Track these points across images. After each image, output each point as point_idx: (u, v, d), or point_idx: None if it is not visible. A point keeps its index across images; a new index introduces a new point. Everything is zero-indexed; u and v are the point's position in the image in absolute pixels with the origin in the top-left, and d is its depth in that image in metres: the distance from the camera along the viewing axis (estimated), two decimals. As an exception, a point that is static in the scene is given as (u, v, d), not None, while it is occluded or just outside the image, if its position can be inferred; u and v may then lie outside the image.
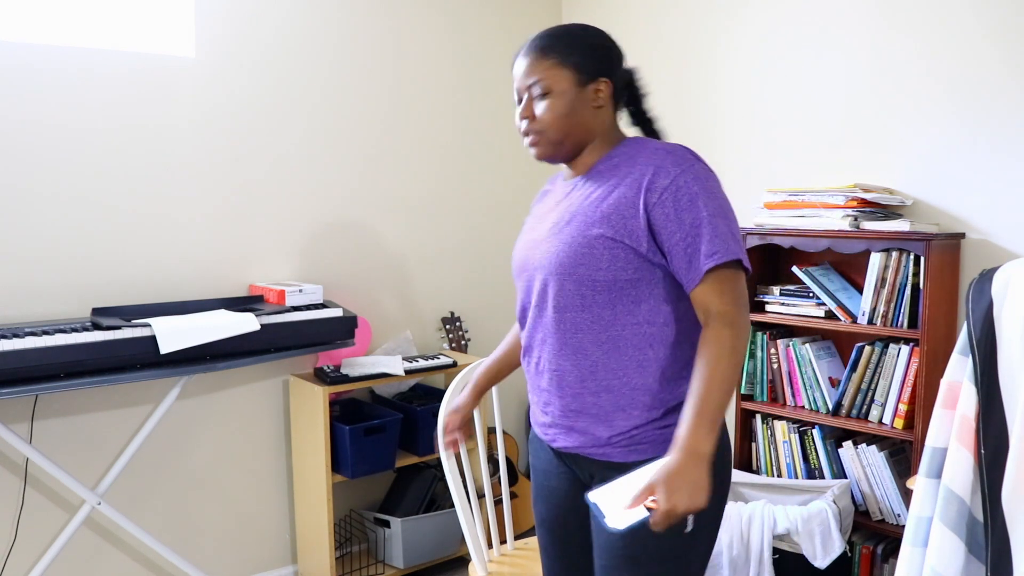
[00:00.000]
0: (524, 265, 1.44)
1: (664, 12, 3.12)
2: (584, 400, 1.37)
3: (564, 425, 1.41)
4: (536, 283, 1.40)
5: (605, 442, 1.37)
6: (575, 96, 1.38)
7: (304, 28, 2.79)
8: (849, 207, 2.38)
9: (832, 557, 2.25)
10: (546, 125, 1.39)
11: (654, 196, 1.29)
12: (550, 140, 1.40)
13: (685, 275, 1.30)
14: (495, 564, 2.06)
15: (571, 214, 1.37)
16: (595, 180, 1.40)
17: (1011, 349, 1.17)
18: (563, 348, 1.37)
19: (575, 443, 1.41)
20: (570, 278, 1.34)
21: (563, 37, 1.40)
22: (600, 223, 1.32)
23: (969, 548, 1.22)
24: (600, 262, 1.32)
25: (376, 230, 3.02)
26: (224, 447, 2.70)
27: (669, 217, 1.29)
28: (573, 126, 1.39)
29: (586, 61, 1.39)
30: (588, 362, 1.36)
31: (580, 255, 1.33)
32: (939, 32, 2.39)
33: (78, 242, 2.38)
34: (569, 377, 1.38)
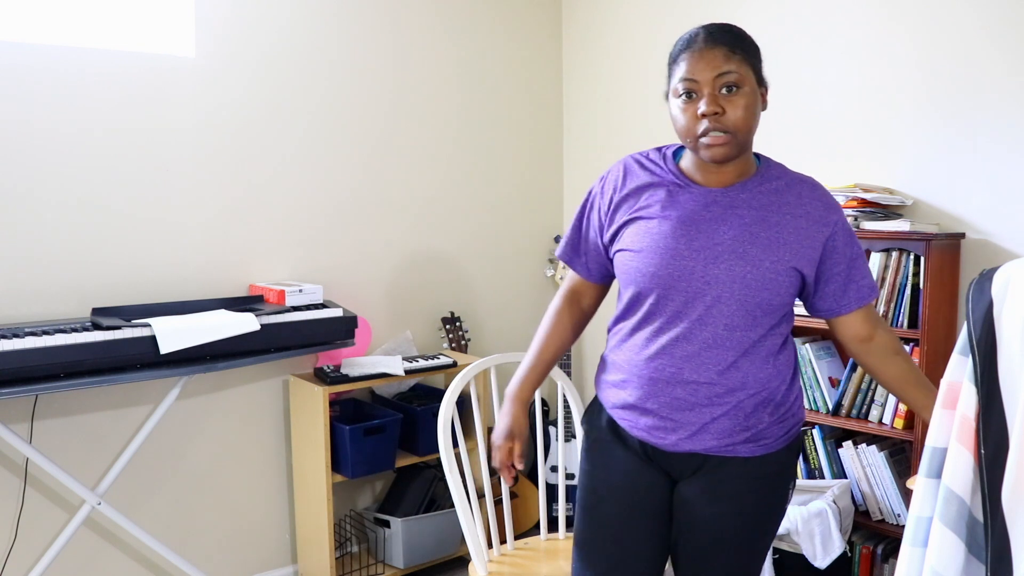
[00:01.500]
0: (682, 276, 1.39)
1: (663, 12, 3.12)
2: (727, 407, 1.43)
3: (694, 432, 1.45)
4: (701, 300, 1.40)
5: (736, 442, 1.46)
6: (757, 97, 1.37)
7: (304, 28, 2.79)
8: (849, 207, 2.38)
9: (832, 557, 2.25)
10: (738, 123, 1.33)
11: (829, 230, 1.42)
12: (738, 142, 1.35)
13: (838, 300, 1.46)
14: (495, 564, 2.06)
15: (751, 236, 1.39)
16: (760, 199, 1.41)
17: (1011, 349, 1.17)
18: (721, 363, 1.42)
19: (701, 446, 1.46)
20: (752, 300, 1.39)
21: (741, 34, 1.37)
22: (788, 251, 1.39)
23: (969, 548, 1.22)
24: (781, 289, 1.40)
25: (376, 230, 3.02)
26: (224, 447, 2.70)
27: (838, 250, 1.43)
28: (752, 129, 1.37)
29: (759, 63, 1.39)
30: (740, 376, 1.43)
31: (768, 281, 1.38)
32: (939, 32, 2.39)
33: (78, 242, 2.38)
34: (719, 389, 1.43)
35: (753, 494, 1.48)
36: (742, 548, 1.50)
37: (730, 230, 1.38)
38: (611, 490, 1.54)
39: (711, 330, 1.40)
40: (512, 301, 3.46)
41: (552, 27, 3.52)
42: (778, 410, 1.48)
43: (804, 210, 1.41)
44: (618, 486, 1.53)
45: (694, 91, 1.34)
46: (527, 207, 3.47)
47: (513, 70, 3.38)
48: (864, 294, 1.46)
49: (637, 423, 1.49)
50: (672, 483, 1.53)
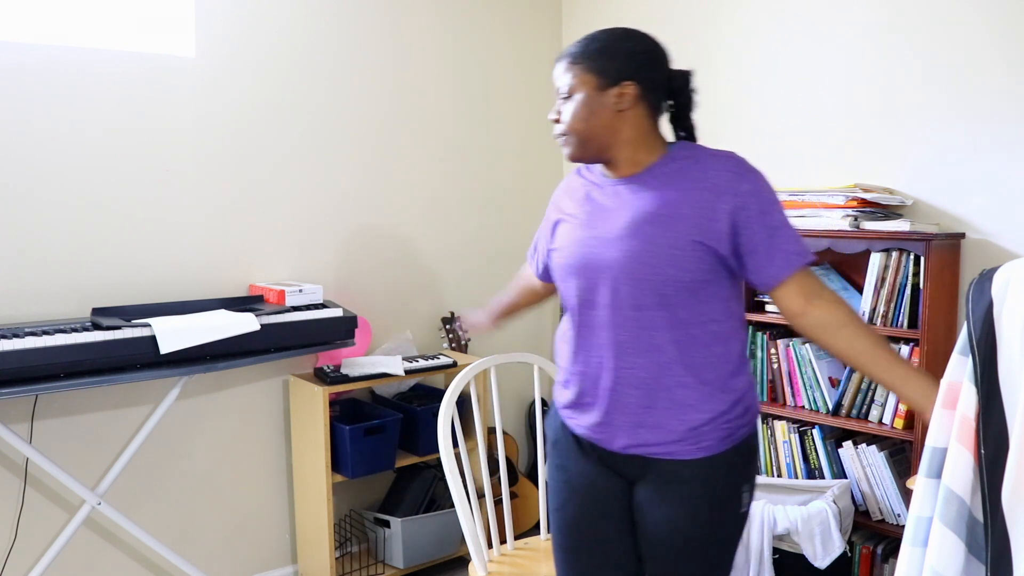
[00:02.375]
0: (587, 263, 1.44)
1: (664, 12, 3.12)
2: (658, 396, 1.42)
3: (629, 423, 1.44)
4: (606, 282, 1.42)
5: (675, 439, 1.43)
6: (596, 99, 1.42)
7: (304, 28, 2.79)
8: (849, 207, 2.38)
9: (832, 557, 2.25)
10: (569, 127, 1.45)
11: (737, 200, 1.37)
12: (575, 142, 1.46)
13: (768, 269, 1.40)
14: (495, 564, 2.06)
15: (645, 214, 1.40)
16: (660, 182, 1.43)
17: (1011, 349, 1.17)
18: (639, 346, 1.41)
19: (640, 441, 1.45)
20: (652, 278, 1.38)
21: (591, 43, 1.45)
22: (684, 226, 1.38)
23: (969, 548, 1.22)
24: (689, 264, 1.38)
25: (376, 230, 3.02)
26: (224, 447, 2.70)
27: (753, 220, 1.38)
28: (595, 129, 1.43)
29: (609, 65, 1.42)
30: (665, 358, 1.41)
31: (668, 257, 1.37)
32: (939, 32, 2.39)
33: (78, 242, 2.38)
34: (643, 374, 1.42)
35: (699, 499, 1.45)
36: (693, 555, 1.47)
37: (628, 213, 1.42)
38: (573, 492, 1.56)
39: (622, 314, 1.42)
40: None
41: (552, 27, 3.52)
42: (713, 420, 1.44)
43: (710, 183, 1.39)
44: (578, 487, 1.55)
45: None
46: (527, 207, 3.47)
47: (513, 70, 3.38)
48: (791, 261, 1.39)
49: (580, 421, 1.53)
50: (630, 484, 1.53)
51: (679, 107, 1.50)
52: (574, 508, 1.56)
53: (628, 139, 1.45)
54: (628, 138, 1.44)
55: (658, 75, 1.45)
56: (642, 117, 1.44)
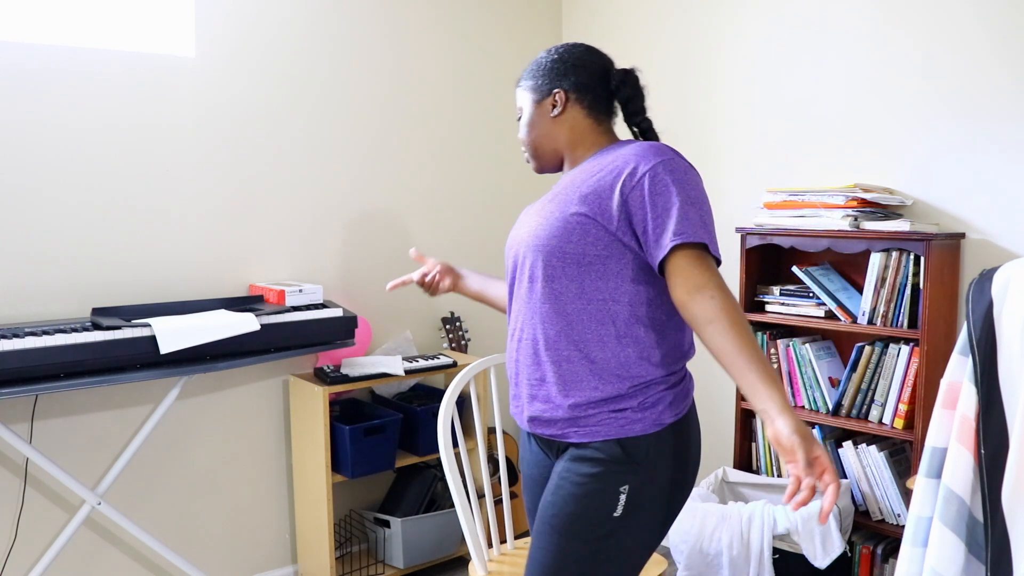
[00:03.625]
0: (511, 244, 1.55)
1: (665, 12, 3.12)
2: (545, 368, 1.44)
3: (528, 393, 1.49)
4: (518, 258, 1.51)
5: (562, 417, 1.43)
6: (535, 112, 1.57)
7: (304, 28, 2.79)
8: (849, 207, 2.38)
9: (832, 557, 2.25)
10: (523, 142, 1.61)
11: (632, 181, 1.38)
12: (530, 155, 1.61)
13: (653, 252, 1.36)
14: (495, 563, 2.06)
15: (554, 196, 1.50)
16: (581, 172, 1.50)
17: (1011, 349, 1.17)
18: (533, 316, 1.47)
19: (534, 413, 1.48)
20: (543, 250, 1.43)
21: (529, 66, 1.61)
22: (577, 203, 1.42)
23: (969, 548, 1.22)
24: (572, 236, 1.40)
25: (376, 230, 3.02)
26: (224, 447, 2.70)
27: (644, 200, 1.37)
28: (539, 138, 1.57)
29: (538, 79, 1.56)
30: (554, 330, 1.43)
31: (555, 229, 1.42)
32: (939, 32, 2.39)
33: (78, 242, 2.38)
34: (536, 345, 1.46)
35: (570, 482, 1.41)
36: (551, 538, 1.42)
37: (548, 202, 1.50)
38: (525, 479, 1.66)
39: (522, 286, 1.49)
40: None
41: (552, 27, 3.52)
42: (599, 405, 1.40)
43: (615, 165, 1.42)
44: (527, 474, 1.64)
45: None
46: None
47: (513, 70, 3.38)
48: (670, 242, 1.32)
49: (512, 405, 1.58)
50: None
51: (624, 104, 1.56)
52: (527, 496, 1.67)
53: (568, 140, 1.56)
54: (568, 140, 1.56)
55: (585, 78, 1.53)
56: (578, 118, 1.54)
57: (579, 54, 1.55)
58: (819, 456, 1.17)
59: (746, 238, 2.62)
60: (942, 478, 1.22)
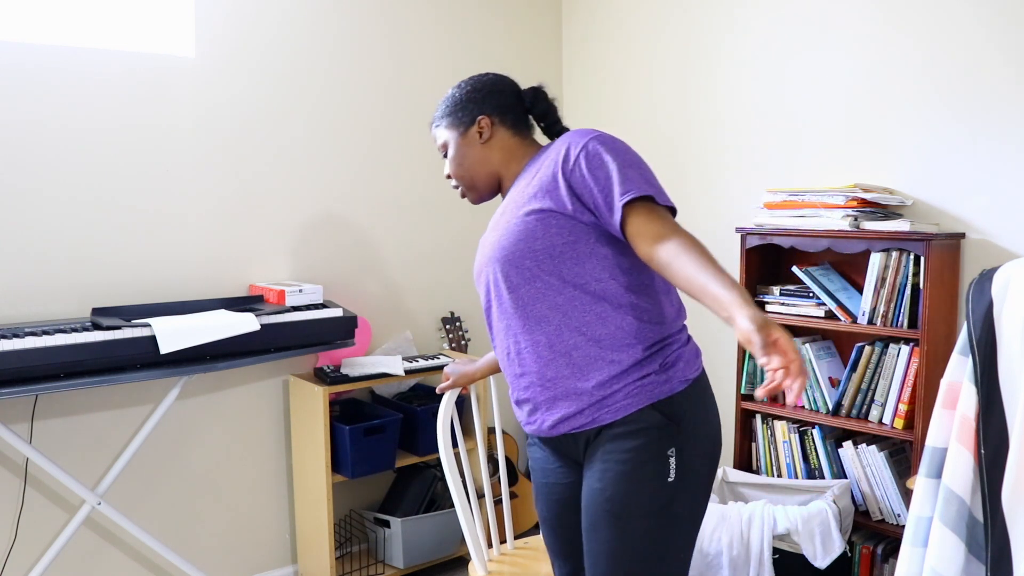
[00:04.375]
0: (478, 271, 1.55)
1: (665, 13, 3.12)
2: (557, 363, 1.43)
3: (547, 399, 1.46)
4: (489, 277, 1.50)
5: (589, 403, 1.41)
6: (461, 144, 1.60)
7: (304, 28, 2.79)
8: (849, 207, 2.38)
9: (832, 557, 2.25)
10: (456, 176, 1.62)
11: (569, 163, 1.42)
12: (466, 187, 1.63)
13: (609, 221, 1.38)
14: (495, 563, 2.06)
15: (504, 208, 1.53)
16: (521, 180, 1.55)
17: (1011, 349, 1.17)
18: (527, 324, 1.46)
19: (561, 414, 1.45)
20: (513, 257, 1.44)
21: (444, 103, 1.63)
22: (528, 202, 1.45)
23: (969, 548, 1.22)
24: (535, 233, 1.42)
25: (376, 230, 3.02)
26: (224, 447, 2.70)
27: (584, 176, 1.40)
28: (473, 166, 1.60)
29: (457, 113, 1.60)
30: (552, 327, 1.43)
31: (517, 234, 1.44)
32: (939, 32, 2.39)
33: (78, 242, 2.38)
34: (539, 347, 1.45)
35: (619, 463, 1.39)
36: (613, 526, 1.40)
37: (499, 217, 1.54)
38: (538, 488, 1.65)
39: (502, 300, 1.48)
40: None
41: (552, 27, 3.52)
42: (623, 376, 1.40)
43: (551, 158, 1.46)
44: (540, 483, 1.64)
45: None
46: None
47: (513, 70, 3.38)
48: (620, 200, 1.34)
49: (521, 418, 1.58)
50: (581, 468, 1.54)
51: (541, 118, 1.63)
52: (541, 505, 1.65)
53: (502, 160, 1.59)
54: (501, 159, 1.59)
55: (502, 100, 1.60)
56: (505, 138, 1.59)
57: (491, 81, 1.62)
58: (777, 339, 1.14)
59: (746, 238, 2.62)
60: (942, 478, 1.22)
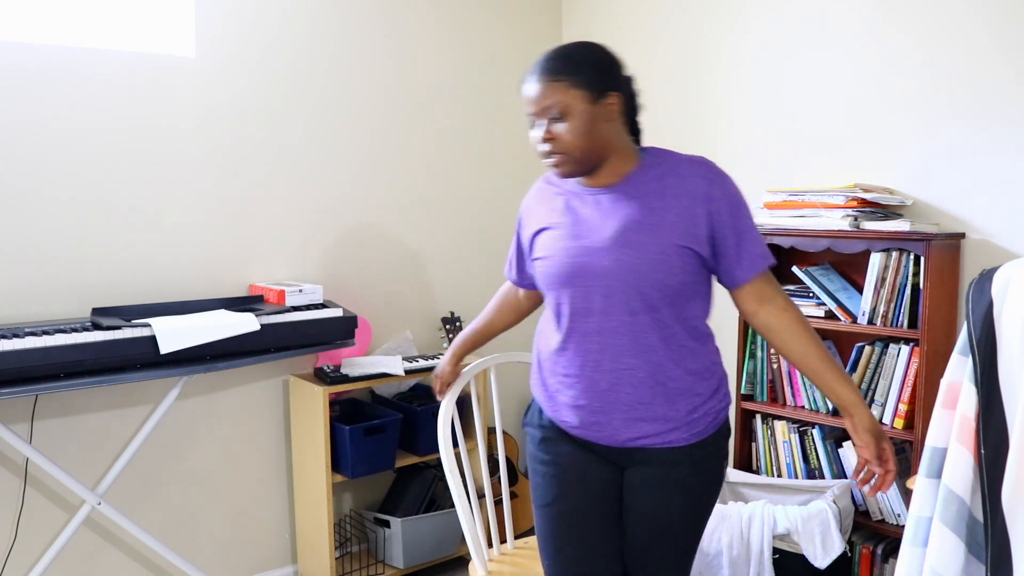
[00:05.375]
0: (578, 272, 1.48)
1: (665, 12, 3.12)
2: (655, 392, 1.49)
3: (628, 419, 1.50)
4: (600, 290, 1.47)
5: (672, 428, 1.51)
6: (591, 114, 1.44)
7: (304, 28, 2.79)
8: (849, 207, 2.38)
9: (832, 557, 2.25)
10: (568, 146, 1.45)
11: (713, 206, 1.46)
12: (575, 160, 1.47)
13: (735, 271, 1.50)
14: (495, 563, 2.07)
15: (632, 223, 1.46)
16: (641, 191, 1.48)
17: (1011, 349, 1.17)
18: (634, 347, 1.48)
19: (639, 434, 1.51)
20: (643, 285, 1.44)
21: (570, 57, 1.45)
22: (669, 233, 1.44)
23: (969, 548, 1.22)
24: (672, 269, 1.45)
25: (376, 230, 3.02)
26: (224, 447, 2.70)
27: (725, 224, 1.47)
28: (593, 142, 1.46)
29: (595, 78, 1.45)
30: (656, 357, 1.48)
31: (655, 264, 1.44)
32: (939, 32, 2.39)
33: (78, 242, 2.38)
34: (639, 374, 1.48)
35: (693, 481, 1.56)
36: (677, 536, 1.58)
37: (615, 224, 1.47)
38: (567, 484, 1.60)
39: (616, 319, 1.47)
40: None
41: (552, 27, 3.52)
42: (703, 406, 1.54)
43: (686, 189, 1.46)
44: (572, 479, 1.59)
45: (534, 119, 1.48)
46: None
47: (513, 70, 3.38)
48: (756, 264, 1.49)
49: (575, 421, 1.56)
50: (620, 470, 1.60)
51: (631, 112, 1.56)
52: (568, 500, 1.59)
53: (615, 150, 1.50)
54: (615, 149, 1.50)
55: (628, 84, 1.52)
56: (620, 126, 1.51)
57: (617, 58, 1.50)
58: (886, 450, 1.48)
59: (746, 238, 2.61)
60: (942, 478, 1.22)
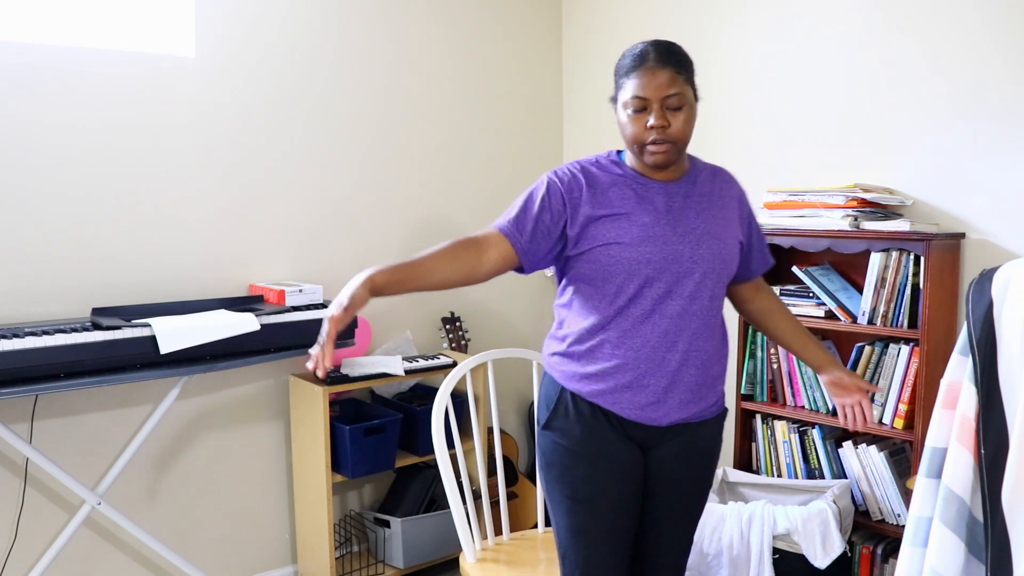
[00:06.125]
0: (678, 258, 1.55)
1: (665, 12, 3.12)
2: (715, 372, 1.64)
3: (686, 400, 1.60)
4: (691, 278, 1.57)
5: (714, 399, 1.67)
6: (693, 109, 1.58)
7: (304, 28, 2.79)
8: (849, 207, 2.38)
9: (832, 557, 2.25)
10: (679, 136, 1.54)
11: (745, 208, 1.71)
12: (679, 150, 1.57)
13: (753, 265, 1.75)
14: (491, 552, 2.08)
15: (712, 217, 1.61)
16: (703, 188, 1.64)
17: (1011, 349, 1.17)
18: (706, 331, 1.60)
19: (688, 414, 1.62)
20: (720, 274, 1.60)
21: (683, 55, 1.57)
22: (732, 227, 1.64)
23: (969, 548, 1.22)
24: (734, 259, 1.64)
25: (376, 230, 3.02)
26: (224, 447, 2.70)
27: (753, 223, 1.74)
28: (689, 135, 1.57)
29: (693, 79, 1.59)
30: (716, 341, 1.64)
31: (731, 255, 1.62)
32: (940, 31, 2.39)
33: (78, 242, 2.38)
34: (708, 355, 1.61)
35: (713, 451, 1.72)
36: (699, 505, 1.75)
37: (696, 216, 1.60)
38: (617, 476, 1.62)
39: (699, 303, 1.58)
40: (512, 301, 3.46)
41: (552, 27, 3.52)
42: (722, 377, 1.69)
43: (728, 191, 1.67)
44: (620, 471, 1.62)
45: (645, 107, 1.53)
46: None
47: (513, 70, 3.38)
48: (767, 259, 1.78)
49: (631, 403, 1.58)
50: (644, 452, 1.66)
51: None
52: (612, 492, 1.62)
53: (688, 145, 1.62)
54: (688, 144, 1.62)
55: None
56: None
57: None
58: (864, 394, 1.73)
59: (746, 238, 2.62)
60: (942, 478, 1.22)
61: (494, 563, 2.04)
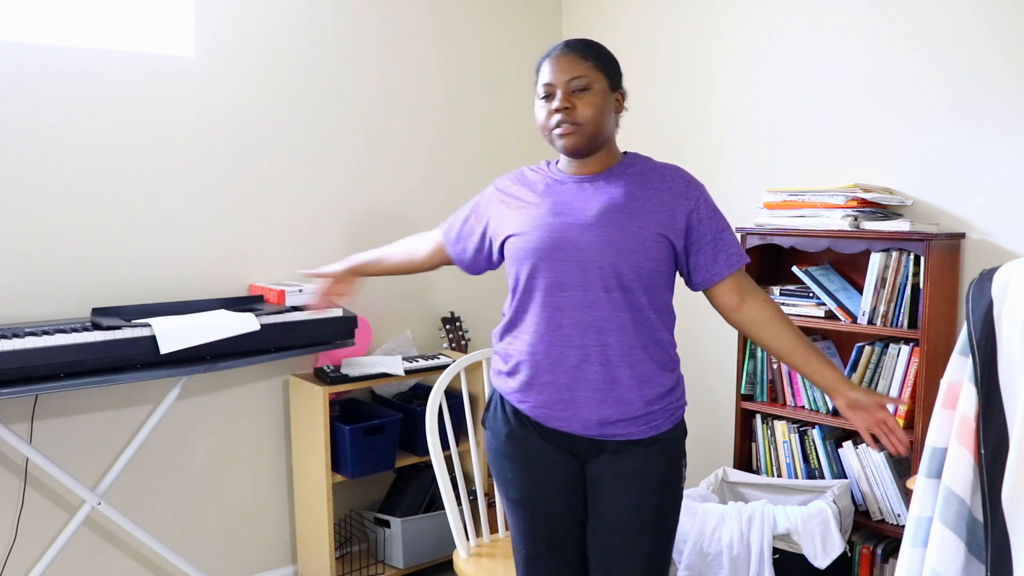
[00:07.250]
0: (558, 247, 1.53)
1: (665, 12, 3.12)
2: (621, 371, 1.53)
3: (594, 399, 1.53)
4: (579, 264, 1.51)
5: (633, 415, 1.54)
6: (607, 98, 1.56)
7: (304, 28, 2.79)
8: (849, 207, 2.38)
9: (832, 557, 2.25)
10: (583, 118, 1.53)
11: (691, 203, 1.57)
12: (585, 133, 1.54)
13: (709, 268, 1.59)
14: (486, 548, 2.09)
15: (615, 205, 1.53)
16: (625, 181, 1.58)
17: (1011, 349, 1.17)
18: (604, 323, 1.52)
19: (602, 416, 1.53)
20: (623, 263, 1.50)
21: (595, 47, 1.58)
22: (650, 219, 1.53)
23: (969, 548, 1.22)
24: (650, 253, 1.52)
25: (376, 229, 3.02)
26: (224, 447, 2.70)
27: (703, 220, 1.58)
28: (602, 125, 1.56)
29: (613, 71, 1.59)
30: (628, 338, 1.53)
31: (636, 244, 1.51)
32: (939, 32, 2.39)
33: (78, 242, 2.38)
34: (609, 351, 1.52)
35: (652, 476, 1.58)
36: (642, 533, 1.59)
37: (598, 205, 1.55)
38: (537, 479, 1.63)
39: (592, 295, 1.52)
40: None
41: (552, 27, 3.52)
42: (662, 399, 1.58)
43: (667, 186, 1.57)
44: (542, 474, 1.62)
45: (551, 93, 1.55)
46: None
47: (513, 70, 3.38)
48: (732, 261, 1.59)
49: (536, 401, 1.58)
50: (582, 463, 1.62)
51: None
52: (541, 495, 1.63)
53: (608, 142, 1.61)
54: (609, 141, 1.61)
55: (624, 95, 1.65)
56: (614, 125, 1.63)
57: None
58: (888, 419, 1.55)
59: (746, 238, 2.62)
60: (942, 478, 1.22)
61: (489, 558, 2.05)
